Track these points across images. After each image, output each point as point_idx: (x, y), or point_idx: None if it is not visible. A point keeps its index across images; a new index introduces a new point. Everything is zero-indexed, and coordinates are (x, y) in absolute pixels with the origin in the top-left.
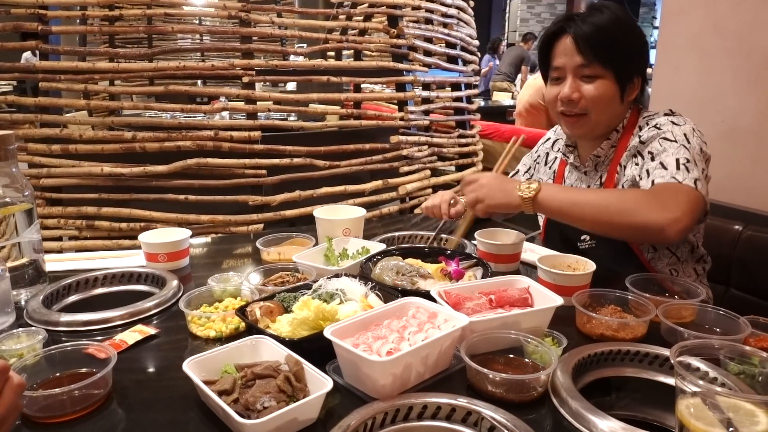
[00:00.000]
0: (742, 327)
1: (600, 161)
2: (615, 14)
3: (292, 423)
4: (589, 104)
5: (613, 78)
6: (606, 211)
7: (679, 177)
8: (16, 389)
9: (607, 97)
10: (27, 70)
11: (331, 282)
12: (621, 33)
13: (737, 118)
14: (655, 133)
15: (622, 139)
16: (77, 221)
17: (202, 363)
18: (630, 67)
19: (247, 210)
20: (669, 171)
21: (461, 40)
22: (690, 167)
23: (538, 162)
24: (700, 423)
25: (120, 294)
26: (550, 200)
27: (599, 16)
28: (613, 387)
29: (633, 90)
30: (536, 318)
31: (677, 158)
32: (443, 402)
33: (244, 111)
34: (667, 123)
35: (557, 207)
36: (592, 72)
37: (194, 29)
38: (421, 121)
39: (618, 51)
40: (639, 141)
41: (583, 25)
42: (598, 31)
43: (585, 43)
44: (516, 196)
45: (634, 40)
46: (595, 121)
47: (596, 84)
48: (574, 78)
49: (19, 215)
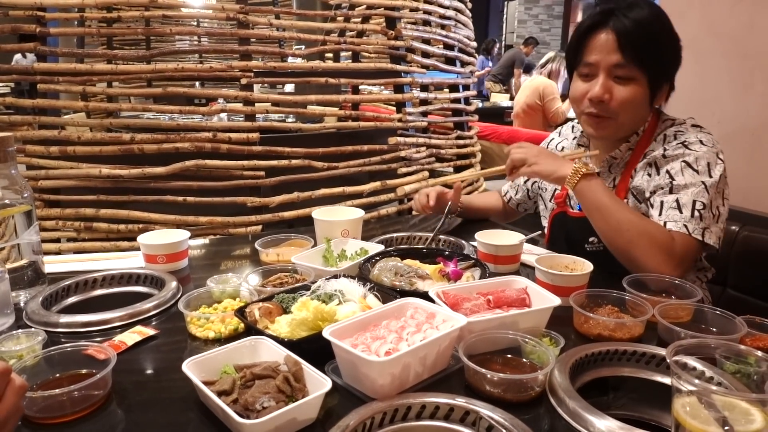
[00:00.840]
0: (738, 327)
1: (615, 163)
2: (655, 10)
3: (291, 423)
4: (618, 107)
5: (646, 82)
6: (624, 233)
7: (690, 227)
8: (17, 391)
9: (638, 101)
10: (25, 71)
11: (329, 283)
12: (661, 33)
13: (733, 120)
14: (680, 152)
15: (640, 143)
16: (75, 223)
17: (202, 364)
18: (664, 71)
19: (246, 211)
20: (683, 216)
21: (459, 42)
22: (704, 215)
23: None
24: (696, 421)
25: (119, 295)
26: (593, 190)
27: (639, 11)
28: (610, 387)
29: (662, 96)
30: (534, 318)
31: (694, 200)
32: (441, 402)
33: (243, 112)
34: (695, 142)
35: (593, 198)
36: (626, 73)
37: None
38: (419, 123)
39: (656, 52)
40: (662, 154)
41: (625, 20)
42: (640, 28)
43: (626, 41)
44: (567, 167)
45: (673, 41)
46: (620, 123)
47: (629, 87)
48: (606, 77)
49: (18, 217)
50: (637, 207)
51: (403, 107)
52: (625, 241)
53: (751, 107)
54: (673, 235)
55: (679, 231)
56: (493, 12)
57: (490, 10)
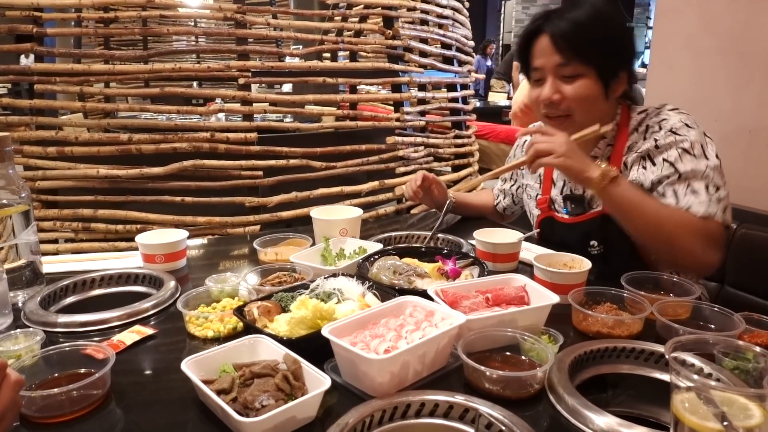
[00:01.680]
0: (736, 323)
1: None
2: (593, 7)
3: (291, 421)
4: (571, 105)
5: (595, 75)
6: (665, 225)
7: (712, 210)
8: (14, 386)
9: (591, 96)
10: (22, 72)
11: (328, 282)
12: (601, 27)
13: (731, 117)
14: (672, 140)
15: (618, 137)
16: (73, 223)
17: (201, 362)
18: (613, 61)
19: (244, 211)
20: (702, 201)
21: (457, 41)
22: (721, 196)
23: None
24: (694, 417)
25: (117, 295)
26: (623, 190)
27: (576, 12)
28: (609, 384)
29: (619, 85)
30: (533, 316)
31: (707, 184)
32: (441, 399)
33: (240, 112)
34: (681, 126)
35: (627, 199)
36: (572, 71)
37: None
38: (417, 122)
39: (598, 46)
40: (654, 145)
41: (560, 22)
42: (576, 26)
43: (562, 41)
44: (594, 168)
45: (616, 32)
46: (580, 122)
47: (578, 83)
48: (554, 78)
49: (16, 217)
50: None
51: (400, 107)
52: (666, 234)
53: (748, 105)
54: (708, 224)
55: (706, 213)
56: (491, 11)
57: (488, 9)
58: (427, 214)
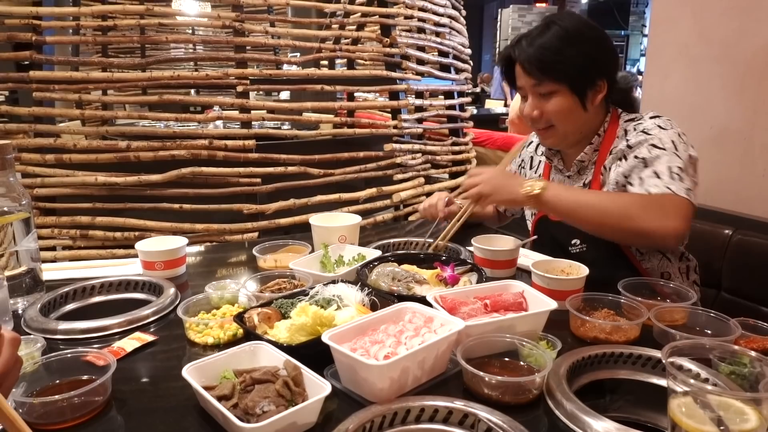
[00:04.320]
0: (732, 329)
1: (584, 165)
2: (561, 28)
3: (291, 427)
4: (551, 118)
5: (568, 90)
6: (610, 215)
7: (674, 187)
8: (11, 342)
9: (566, 109)
10: (21, 80)
11: (327, 288)
12: (567, 46)
13: (725, 124)
14: (642, 138)
15: (604, 143)
16: (71, 231)
17: (201, 369)
18: (585, 75)
19: (242, 218)
20: (663, 181)
21: (454, 49)
22: (683, 176)
23: (522, 167)
24: (691, 421)
25: (117, 302)
26: (555, 199)
27: (544, 36)
28: (607, 389)
29: (596, 94)
30: (531, 322)
31: (669, 166)
32: (440, 405)
33: (239, 120)
34: (654, 128)
35: (563, 206)
36: (546, 89)
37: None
38: (414, 129)
39: (566, 65)
40: (626, 145)
41: (528, 48)
42: (542, 50)
43: (531, 66)
44: (520, 193)
45: (584, 48)
46: (563, 131)
47: (553, 100)
48: (533, 96)
49: (16, 224)
50: None
51: (398, 114)
52: (616, 219)
53: (743, 112)
54: (659, 195)
55: (663, 193)
56: (487, 19)
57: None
58: (424, 221)
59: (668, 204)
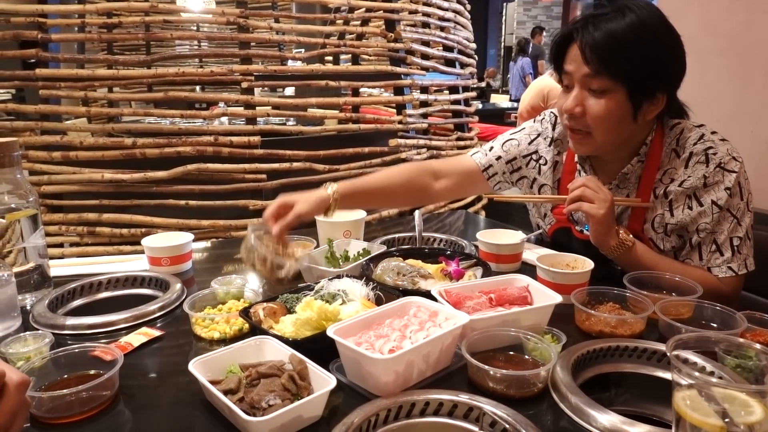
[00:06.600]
0: (738, 322)
1: (626, 178)
2: (639, 17)
3: (297, 420)
4: (591, 122)
5: (625, 94)
6: None
7: (735, 266)
8: (18, 388)
9: (614, 116)
10: (27, 78)
11: (333, 283)
12: (641, 41)
13: (732, 118)
14: (720, 177)
15: (651, 155)
16: (78, 228)
17: (208, 363)
18: (649, 82)
19: (248, 214)
20: (725, 258)
21: (458, 43)
22: (741, 247)
23: (532, 158)
24: (696, 414)
25: (124, 298)
26: (636, 257)
27: (617, 21)
28: (612, 382)
29: (654, 108)
30: (536, 315)
31: (731, 238)
32: (445, 398)
33: (244, 116)
34: (730, 161)
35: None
36: (599, 85)
37: (192, 35)
38: (419, 124)
39: (632, 64)
40: (703, 183)
41: (595, 31)
42: (610, 39)
43: (592, 53)
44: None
45: (659, 50)
46: (600, 141)
47: (603, 100)
48: (580, 89)
49: (24, 221)
50: (661, 238)
51: (403, 109)
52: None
53: (750, 105)
54: (720, 279)
55: (726, 276)
56: (492, 13)
57: (489, 11)
58: (430, 216)
59: (725, 291)
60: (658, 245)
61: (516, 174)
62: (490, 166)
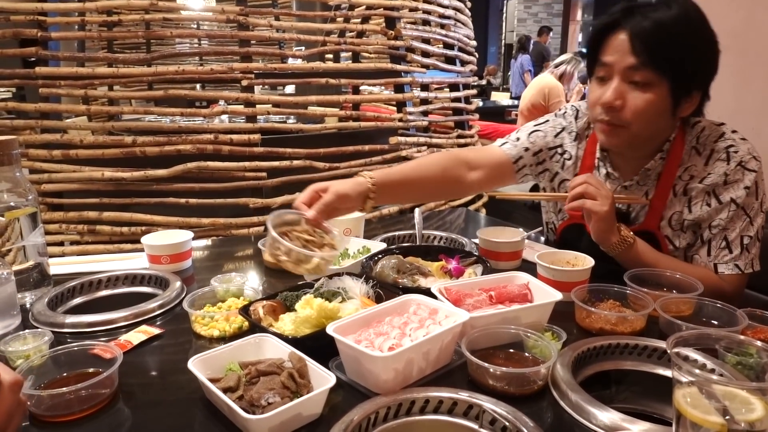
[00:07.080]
0: (739, 319)
1: (647, 174)
2: (685, 10)
3: (297, 418)
4: (631, 116)
5: (668, 89)
6: None
7: (741, 264)
8: (11, 388)
9: (656, 110)
10: (27, 76)
11: (332, 281)
12: (689, 35)
13: (733, 115)
14: (741, 176)
15: (672, 151)
16: (78, 226)
17: (207, 361)
18: (692, 78)
19: (248, 212)
20: (733, 255)
21: (459, 41)
22: (750, 247)
23: (557, 152)
24: (696, 411)
25: (124, 296)
26: (636, 255)
27: (665, 11)
28: (612, 380)
29: (689, 106)
30: (536, 313)
31: (742, 236)
32: (445, 396)
33: (244, 114)
34: (750, 160)
35: (640, 263)
36: (643, 78)
37: (193, 33)
38: (419, 122)
39: (680, 57)
40: (723, 180)
41: (644, 21)
42: (660, 29)
43: (642, 43)
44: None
45: (704, 46)
46: (635, 134)
47: (646, 93)
48: (621, 81)
49: (23, 219)
50: (677, 235)
51: (403, 107)
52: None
53: (751, 102)
54: (724, 277)
55: (732, 273)
56: (493, 11)
57: (490, 9)
58: (430, 214)
59: (728, 289)
60: (673, 242)
61: (540, 166)
62: (520, 158)
